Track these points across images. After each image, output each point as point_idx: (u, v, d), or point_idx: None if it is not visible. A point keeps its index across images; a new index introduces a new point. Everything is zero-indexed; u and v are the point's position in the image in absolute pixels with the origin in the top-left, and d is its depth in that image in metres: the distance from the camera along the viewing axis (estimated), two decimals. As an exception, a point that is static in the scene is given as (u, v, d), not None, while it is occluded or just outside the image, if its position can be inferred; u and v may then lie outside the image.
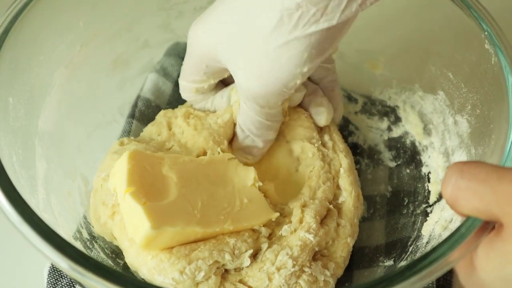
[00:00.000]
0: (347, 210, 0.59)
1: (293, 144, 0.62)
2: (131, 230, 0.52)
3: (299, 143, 0.62)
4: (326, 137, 0.63)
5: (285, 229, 0.55)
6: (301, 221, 0.55)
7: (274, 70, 0.51)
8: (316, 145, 0.62)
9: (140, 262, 0.52)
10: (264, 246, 0.54)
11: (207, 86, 0.61)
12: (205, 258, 0.51)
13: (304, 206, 0.56)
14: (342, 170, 0.61)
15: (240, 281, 0.53)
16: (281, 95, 0.54)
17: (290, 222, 0.56)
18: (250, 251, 0.53)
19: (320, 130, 0.64)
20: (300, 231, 0.54)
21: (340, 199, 0.59)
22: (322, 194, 0.58)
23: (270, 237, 0.55)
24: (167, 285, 0.51)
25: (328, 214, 0.57)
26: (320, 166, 0.60)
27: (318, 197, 0.58)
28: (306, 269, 0.53)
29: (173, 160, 0.55)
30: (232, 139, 0.61)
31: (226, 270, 0.54)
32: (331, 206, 0.58)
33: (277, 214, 0.56)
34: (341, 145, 0.64)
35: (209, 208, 0.53)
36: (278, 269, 0.52)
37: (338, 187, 0.60)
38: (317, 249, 0.55)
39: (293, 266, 0.52)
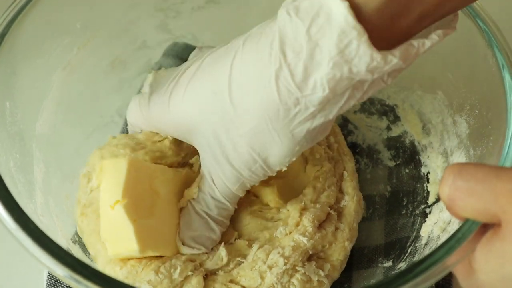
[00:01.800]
0: (348, 215, 0.58)
1: None
2: (109, 237, 0.52)
3: None
4: (332, 139, 0.63)
5: (280, 231, 0.55)
6: (297, 225, 0.55)
7: (263, 158, 0.49)
8: (323, 146, 0.61)
9: (110, 273, 0.52)
10: (255, 246, 0.54)
11: None
12: (178, 256, 0.52)
13: (303, 209, 0.56)
14: (345, 174, 0.61)
15: (231, 281, 0.53)
16: (264, 177, 0.52)
17: (287, 224, 0.56)
18: (222, 243, 0.54)
19: None
20: (295, 234, 0.54)
21: (342, 203, 0.59)
22: (325, 199, 0.58)
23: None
24: None
25: (327, 218, 0.57)
26: (328, 167, 0.59)
27: (321, 201, 0.57)
28: (299, 268, 0.53)
29: (163, 174, 0.55)
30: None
31: (215, 273, 0.53)
32: (331, 211, 0.58)
33: None
34: (345, 148, 0.63)
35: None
36: (270, 268, 0.52)
37: (340, 190, 0.60)
38: (311, 252, 0.54)
39: (285, 264, 0.52)
